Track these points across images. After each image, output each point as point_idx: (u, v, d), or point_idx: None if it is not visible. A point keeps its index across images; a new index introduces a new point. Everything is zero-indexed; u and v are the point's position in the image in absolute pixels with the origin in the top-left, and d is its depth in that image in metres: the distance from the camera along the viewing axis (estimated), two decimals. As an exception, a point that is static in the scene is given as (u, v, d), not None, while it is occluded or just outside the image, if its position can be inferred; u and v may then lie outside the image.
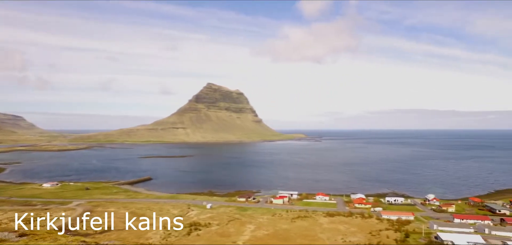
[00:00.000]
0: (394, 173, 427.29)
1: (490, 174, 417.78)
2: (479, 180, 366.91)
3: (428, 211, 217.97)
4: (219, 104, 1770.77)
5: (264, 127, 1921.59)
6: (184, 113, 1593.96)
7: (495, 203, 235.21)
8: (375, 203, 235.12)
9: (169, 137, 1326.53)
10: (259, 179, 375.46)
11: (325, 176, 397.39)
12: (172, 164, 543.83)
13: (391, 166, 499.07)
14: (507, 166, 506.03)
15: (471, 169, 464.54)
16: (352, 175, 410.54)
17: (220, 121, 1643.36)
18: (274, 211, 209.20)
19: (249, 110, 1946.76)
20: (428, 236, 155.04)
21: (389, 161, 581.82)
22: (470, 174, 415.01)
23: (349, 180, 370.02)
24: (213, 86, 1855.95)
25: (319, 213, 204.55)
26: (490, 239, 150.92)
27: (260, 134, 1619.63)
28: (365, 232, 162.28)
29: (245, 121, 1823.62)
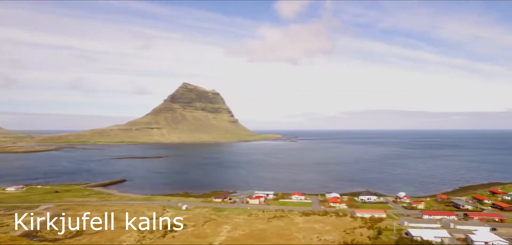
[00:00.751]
0: (367, 172, 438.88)
1: (456, 172, 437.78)
2: (446, 178, 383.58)
3: (400, 208, 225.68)
4: (195, 104, 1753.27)
5: (240, 127, 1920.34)
6: (159, 113, 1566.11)
7: (459, 199, 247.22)
8: (349, 202, 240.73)
9: (143, 137, 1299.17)
10: (235, 180, 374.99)
11: (301, 176, 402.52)
12: (147, 165, 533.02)
13: (365, 166, 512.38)
14: (471, 164, 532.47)
15: (439, 168, 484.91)
16: (327, 174, 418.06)
17: (196, 121, 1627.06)
18: (250, 211, 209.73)
19: (225, 110, 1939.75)
20: (399, 232, 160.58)
21: (363, 160, 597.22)
22: (438, 172, 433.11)
23: (324, 179, 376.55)
24: (189, 86, 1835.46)
25: (295, 212, 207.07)
26: (454, 233, 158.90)
27: (236, 134, 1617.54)
28: (340, 230, 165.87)
29: (221, 121, 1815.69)
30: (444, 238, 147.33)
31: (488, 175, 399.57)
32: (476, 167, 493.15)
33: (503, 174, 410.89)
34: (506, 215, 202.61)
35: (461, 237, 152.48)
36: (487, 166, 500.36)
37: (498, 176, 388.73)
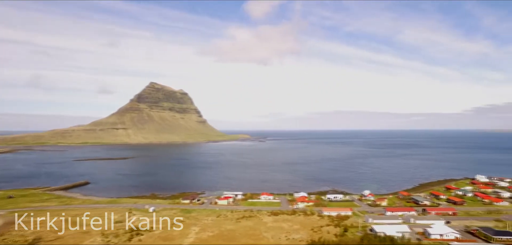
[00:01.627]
0: (334, 171, 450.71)
1: (416, 170, 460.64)
2: (407, 176, 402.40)
3: (364, 206, 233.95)
4: (162, 104, 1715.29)
5: (208, 127, 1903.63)
6: (125, 113, 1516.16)
7: (419, 196, 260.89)
8: (317, 201, 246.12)
9: (108, 138, 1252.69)
10: (203, 180, 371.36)
11: (269, 176, 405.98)
12: (112, 166, 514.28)
13: (332, 165, 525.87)
14: (429, 162, 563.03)
15: (400, 166, 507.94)
16: (295, 174, 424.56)
17: (163, 122, 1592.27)
18: (219, 212, 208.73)
19: (193, 111, 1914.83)
20: (364, 229, 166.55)
21: (330, 160, 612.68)
22: (400, 171, 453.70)
23: (292, 179, 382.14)
24: (156, 85, 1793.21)
25: (264, 212, 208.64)
26: (414, 227, 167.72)
27: (204, 135, 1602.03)
28: (308, 229, 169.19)
29: (189, 121, 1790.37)
30: (405, 232, 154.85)
31: (444, 172, 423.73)
32: (434, 165, 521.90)
33: (457, 171, 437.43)
34: (458, 209, 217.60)
35: (420, 231, 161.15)
36: (443, 164, 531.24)
37: (452, 173, 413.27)
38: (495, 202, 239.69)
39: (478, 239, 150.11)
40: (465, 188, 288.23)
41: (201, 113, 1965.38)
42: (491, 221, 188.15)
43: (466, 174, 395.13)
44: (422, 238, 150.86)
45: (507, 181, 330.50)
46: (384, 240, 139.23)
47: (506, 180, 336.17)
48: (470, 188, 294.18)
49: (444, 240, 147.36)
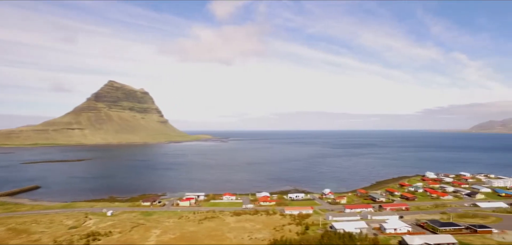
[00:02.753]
0: (296, 171, 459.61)
1: (373, 168, 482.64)
2: (365, 174, 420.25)
3: (325, 204, 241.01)
4: (121, 104, 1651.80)
5: (170, 128, 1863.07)
6: (81, 113, 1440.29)
7: (375, 193, 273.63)
8: (279, 200, 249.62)
9: (62, 139, 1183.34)
10: (165, 182, 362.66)
11: (232, 176, 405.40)
12: (66, 169, 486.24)
13: (293, 165, 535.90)
14: (385, 161, 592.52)
15: (358, 165, 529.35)
16: (257, 174, 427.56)
17: (122, 122, 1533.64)
18: (181, 214, 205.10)
19: (154, 110, 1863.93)
20: (324, 226, 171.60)
21: (292, 160, 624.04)
22: (358, 169, 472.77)
23: (255, 179, 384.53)
24: (115, 84, 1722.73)
25: (226, 213, 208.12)
26: (371, 223, 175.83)
27: (166, 135, 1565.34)
28: (270, 228, 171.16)
29: (150, 121, 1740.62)
30: (362, 228, 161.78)
31: (398, 170, 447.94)
32: (389, 163, 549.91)
33: (410, 168, 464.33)
34: (410, 204, 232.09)
35: (376, 226, 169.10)
36: (398, 162, 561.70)
37: (406, 171, 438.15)
38: (441, 196, 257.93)
39: (426, 231, 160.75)
40: (417, 185, 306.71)
41: (162, 113, 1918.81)
42: (438, 214, 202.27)
43: (417, 172, 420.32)
44: (378, 233, 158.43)
45: (451, 177, 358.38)
46: (343, 236, 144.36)
47: (451, 176, 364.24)
48: (420, 184, 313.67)
49: (397, 234, 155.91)
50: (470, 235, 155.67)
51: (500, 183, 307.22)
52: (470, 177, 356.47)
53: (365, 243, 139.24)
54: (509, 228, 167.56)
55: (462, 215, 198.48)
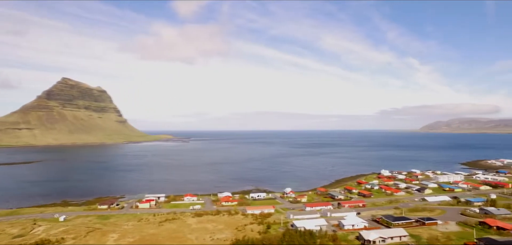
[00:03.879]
0: (257, 171, 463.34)
1: (332, 167, 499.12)
2: (324, 173, 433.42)
3: (286, 203, 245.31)
4: (76, 102, 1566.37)
5: (129, 127, 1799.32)
6: (30, 111, 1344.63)
7: (334, 191, 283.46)
8: (240, 200, 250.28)
9: (8, 140, 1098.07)
10: (124, 184, 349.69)
11: (194, 177, 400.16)
12: (12, 172, 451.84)
13: (255, 165, 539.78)
14: (344, 160, 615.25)
15: (318, 164, 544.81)
16: (219, 174, 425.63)
17: (77, 121, 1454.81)
18: (140, 216, 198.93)
19: (112, 110, 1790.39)
20: (286, 225, 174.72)
21: (253, 160, 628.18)
22: (318, 168, 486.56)
23: (217, 179, 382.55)
24: (70, 81, 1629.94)
25: (188, 214, 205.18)
26: (330, 220, 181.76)
27: (124, 136, 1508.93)
28: (232, 228, 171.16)
29: (108, 121, 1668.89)
30: (322, 225, 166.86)
31: (356, 169, 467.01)
32: (348, 162, 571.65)
33: (367, 167, 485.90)
34: (367, 201, 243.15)
35: (335, 223, 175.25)
36: (355, 161, 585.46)
37: (363, 169, 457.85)
38: (395, 192, 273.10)
39: (381, 226, 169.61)
40: (373, 182, 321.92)
41: (121, 113, 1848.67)
42: (392, 209, 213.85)
43: (373, 170, 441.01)
44: (337, 230, 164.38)
45: (404, 174, 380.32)
46: (304, 234, 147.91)
47: (403, 173, 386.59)
48: (376, 182, 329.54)
49: (355, 230, 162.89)
50: (419, 227, 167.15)
51: (445, 179, 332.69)
52: (420, 174, 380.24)
53: (325, 239, 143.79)
54: (451, 219, 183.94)
55: (413, 209, 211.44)
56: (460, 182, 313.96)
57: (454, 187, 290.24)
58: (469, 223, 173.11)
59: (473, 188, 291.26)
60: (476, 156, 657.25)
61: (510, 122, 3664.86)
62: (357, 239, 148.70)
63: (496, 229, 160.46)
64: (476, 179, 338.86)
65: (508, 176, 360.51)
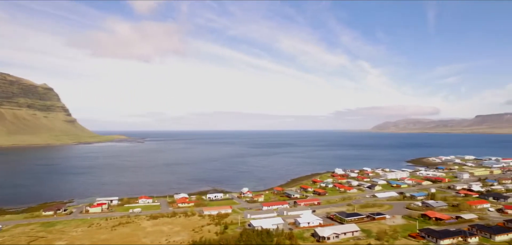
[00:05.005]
0: (215, 171, 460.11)
1: (289, 166, 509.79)
2: (281, 172, 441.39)
3: (243, 202, 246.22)
4: (17, 100, 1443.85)
5: (79, 128, 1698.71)
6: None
7: (291, 190, 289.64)
8: (197, 201, 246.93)
9: None
10: (72, 188, 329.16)
11: (149, 179, 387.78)
12: None
13: (213, 165, 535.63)
14: (300, 159, 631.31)
15: (275, 164, 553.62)
16: (176, 175, 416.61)
17: (18, 121, 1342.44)
18: (91, 221, 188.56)
19: (60, 108, 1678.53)
20: (243, 225, 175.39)
21: (211, 160, 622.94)
22: (275, 168, 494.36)
23: (173, 180, 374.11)
24: (9, 77, 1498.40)
25: (142, 217, 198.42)
26: (287, 218, 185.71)
27: (74, 136, 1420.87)
28: (189, 230, 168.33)
29: (55, 121, 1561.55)
30: (279, 224, 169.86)
31: (311, 168, 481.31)
32: (303, 162, 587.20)
33: (322, 166, 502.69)
34: (322, 199, 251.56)
35: (291, 221, 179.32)
36: (311, 161, 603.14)
37: (318, 168, 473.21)
38: (348, 190, 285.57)
39: (335, 222, 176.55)
40: (327, 181, 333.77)
41: (70, 112, 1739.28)
42: (345, 206, 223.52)
43: (328, 169, 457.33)
44: (293, 228, 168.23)
45: (356, 172, 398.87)
46: (261, 233, 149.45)
47: (355, 171, 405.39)
48: (330, 180, 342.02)
49: (310, 227, 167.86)
50: (370, 222, 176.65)
51: (393, 176, 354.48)
52: (371, 171, 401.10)
53: (281, 238, 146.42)
54: (398, 213, 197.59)
55: (364, 205, 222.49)
56: (406, 179, 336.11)
57: (400, 183, 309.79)
58: (413, 216, 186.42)
59: (417, 184, 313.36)
60: (419, 154, 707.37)
61: (448, 122, 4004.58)
62: (312, 236, 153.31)
63: (435, 220, 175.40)
64: (419, 175, 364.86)
65: (445, 172, 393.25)
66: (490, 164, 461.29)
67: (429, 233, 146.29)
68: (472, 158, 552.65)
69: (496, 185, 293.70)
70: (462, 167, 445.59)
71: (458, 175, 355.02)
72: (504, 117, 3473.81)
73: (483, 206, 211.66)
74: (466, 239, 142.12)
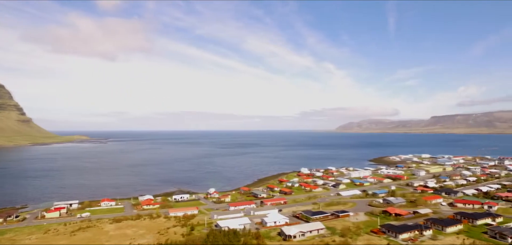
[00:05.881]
0: (181, 172, 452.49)
1: (256, 166, 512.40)
2: (248, 172, 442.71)
3: (210, 203, 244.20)
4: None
5: (35, 128, 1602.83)
6: None
7: (258, 190, 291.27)
8: (163, 203, 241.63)
9: None
10: (27, 192, 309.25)
11: (112, 181, 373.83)
12: None
13: (179, 166, 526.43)
14: (267, 159, 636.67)
15: (243, 164, 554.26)
16: (141, 177, 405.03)
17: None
18: (47, 227, 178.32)
19: (12, 107, 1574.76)
20: (210, 225, 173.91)
21: (177, 161, 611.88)
22: (242, 168, 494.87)
23: (138, 182, 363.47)
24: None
25: (105, 220, 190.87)
26: (254, 218, 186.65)
27: (28, 137, 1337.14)
28: (154, 233, 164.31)
29: (7, 120, 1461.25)
30: (246, 224, 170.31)
31: (278, 167, 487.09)
32: (270, 162, 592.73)
33: (288, 166, 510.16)
34: (288, 198, 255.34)
35: (258, 221, 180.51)
36: (278, 160, 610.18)
37: (284, 168, 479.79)
38: (313, 189, 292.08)
39: (301, 221, 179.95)
40: (293, 180, 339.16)
41: (24, 111, 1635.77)
42: (311, 204, 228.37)
43: (294, 168, 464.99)
44: (260, 227, 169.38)
45: (321, 171, 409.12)
46: (228, 234, 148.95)
47: (321, 170, 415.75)
48: (296, 179, 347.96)
49: (277, 226, 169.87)
50: (334, 219, 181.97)
51: (356, 174, 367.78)
52: (335, 170, 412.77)
53: (248, 238, 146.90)
54: (361, 210, 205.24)
55: (329, 203, 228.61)
56: (368, 177, 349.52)
57: (363, 182, 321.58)
58: (375, 212, 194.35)
59: (379, 182, 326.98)
60: (381, 153, 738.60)
61: (406, 123, 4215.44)
62: (279, 235, 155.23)
63: (395, 216, 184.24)
64: (381, 173, 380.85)
65: (404, 170, 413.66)
66: (443, 161, 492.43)
67: (389, 228, 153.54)
68: (428, 157, 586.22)
69: (448, 181, 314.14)
70: (419, 165, 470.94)
71: (416, 173, 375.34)
72: (456, 118, 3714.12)
73: (437, 201, 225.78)
74: (422, 232, 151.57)
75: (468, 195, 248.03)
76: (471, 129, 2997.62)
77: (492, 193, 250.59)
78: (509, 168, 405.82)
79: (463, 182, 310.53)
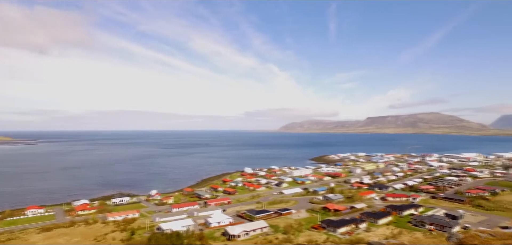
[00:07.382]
0: (120, 174, 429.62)
1: (200, 167, 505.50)
2: (192, 173, 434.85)
3: (152, 205, 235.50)
4: None
5: None
6: None
7: (201, 190, 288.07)
8: (100, 207, 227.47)
9: None
10: None
11: (41, 186, 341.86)
12: None
13: (119, 167, 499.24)
14: (211, 159, 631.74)
15: (186, 164, 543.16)
16: (75, 180, 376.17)
17: None
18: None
19: None
20: (152, 229, 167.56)
21: (116, 162, 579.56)
22: (186, 168, 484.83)
23: (72, 186, 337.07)
24: None
25: (31, 230, 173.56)
26: (197, 219, 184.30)
27: None
28: (90, 239, 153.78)
29: None
30: (189, 226, 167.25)
31: (222, 168, 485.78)
32: (214, 162, 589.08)
33: (232, 165, 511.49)
34: (232, 198, 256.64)
35: (202, 222, 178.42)
36: (222, 160, 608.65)
37: (228, 168, 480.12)
38: (257, 188, 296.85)
39: (245, 220, 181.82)
40: (237, 180, 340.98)
41: None
42: (254, 204, 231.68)
43: (237, 168, 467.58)
44: (204, 228, 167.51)
45: (264, 170, 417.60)
46: (171, 236, 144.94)
47: (264, 170, 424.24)
48: (240, 179, 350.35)
49: (221, 226, 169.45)
50: (277, 217, 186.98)
51: (298, 173, 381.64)
52: (278, 169, 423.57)
53: (192, 239, 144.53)
54: (303, 207, 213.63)
55: (272, 202, 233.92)
56: (310, 175, 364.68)
57: (305, 180, 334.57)
58: (316, 209, 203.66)
59: (319, 180, 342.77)
60: (321, 152, 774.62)
61: (345, 123, 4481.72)
62: (223, 235, 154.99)
63: (334, 211, 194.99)
64: (321, 171, 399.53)
65: (342, 168, 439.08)
66: (377, 159, 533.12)
67: (329, 223, 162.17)
68: (363, 155, 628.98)
69: (381, 177, 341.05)
70: (356, 163, 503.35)
71: (353, 170, 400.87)
72: (387, 119, 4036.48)
73: (371, 196, 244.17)
74: (357, 225, 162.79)
75: (397, 189, 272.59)
76: (399, 129, 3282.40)
77: (416, 186, 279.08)
78: (429, 164, 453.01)
79: (393, 177, 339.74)
